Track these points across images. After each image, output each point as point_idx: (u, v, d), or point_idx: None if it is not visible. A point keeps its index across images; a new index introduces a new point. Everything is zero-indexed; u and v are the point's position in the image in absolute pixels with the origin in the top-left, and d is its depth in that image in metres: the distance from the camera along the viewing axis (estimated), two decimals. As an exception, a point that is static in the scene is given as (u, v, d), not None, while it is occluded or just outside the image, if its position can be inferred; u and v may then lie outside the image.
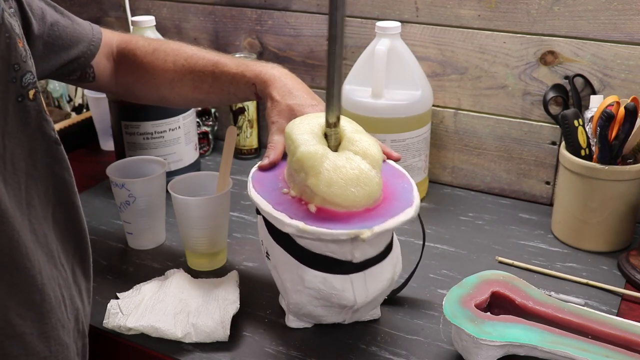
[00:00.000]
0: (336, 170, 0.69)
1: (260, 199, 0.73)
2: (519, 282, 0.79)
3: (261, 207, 0.73)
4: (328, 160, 0.70)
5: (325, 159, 0.70)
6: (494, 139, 1.13)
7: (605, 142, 0.91)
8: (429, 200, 1.14)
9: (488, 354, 0.71)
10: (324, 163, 0.70)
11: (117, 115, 1.13)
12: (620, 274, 0.92)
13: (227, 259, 0.96)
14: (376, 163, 0.72)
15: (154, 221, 0.99)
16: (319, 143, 0.72)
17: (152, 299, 0.83)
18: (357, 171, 0.69)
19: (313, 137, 0.73)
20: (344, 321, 0.79)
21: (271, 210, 0.71)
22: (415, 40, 1.13)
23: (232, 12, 1.28)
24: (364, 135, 0.74)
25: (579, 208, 0.96)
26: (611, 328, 0.73)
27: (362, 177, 0.69)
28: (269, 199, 0.73)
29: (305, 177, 0.71)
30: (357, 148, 0.72)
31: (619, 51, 0.99)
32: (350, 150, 0.72)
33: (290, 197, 0.73)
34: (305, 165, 0.70)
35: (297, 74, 1.26)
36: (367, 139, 0.73)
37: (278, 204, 0.72)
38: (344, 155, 0.71)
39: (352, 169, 0.69)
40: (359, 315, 0.79)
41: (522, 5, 1.03)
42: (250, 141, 1.29)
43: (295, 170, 0.73)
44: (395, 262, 0.76)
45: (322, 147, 0.72)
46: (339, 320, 0.79)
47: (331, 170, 0.69)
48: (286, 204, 0.72)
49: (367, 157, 0.71)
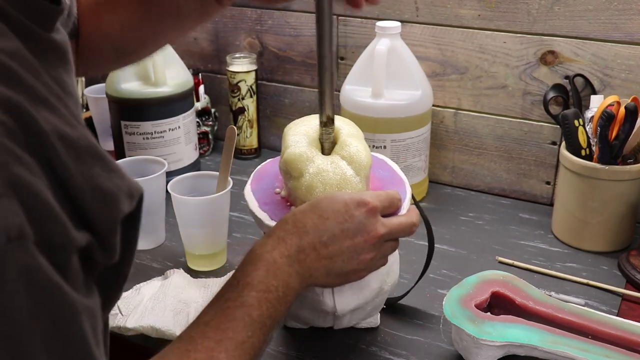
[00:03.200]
0: (318, 174, 0.69)
1: (250, 197, 0.74)
2: (519, 282, 0.79)
3: (248, 204, 0.73)
4: (313, 164, 0.69)
5: (310, 162, 0.70)
6: (494, 139, 1.13)
7: (605, 142, 0.91)
8: (429, 200, 1.14)
9: (488, 354, 0.71)
10: (308, 166, 0.69)
11: (117, 115, 1.13)
12: (620, 274, 0.92)
13: (227, 259, 0.96)
14: (362, 169, 0.70)
15: (154, 221, 0.98)
16: (310, 145, 0.71)
17: (151, 299, 0.83)
18: (339, 177, 0.69)
19: (306, 139, 0.72)
20: (333, 326, 0.78)
21: (256, 208, 0.72)
22: (415, 40, 1.13)
23: (232, 12, 1.28)
24: (356, 140, 0.73)
25: (579, 208, 0.96)
26: (611, 328, 0.73)
27: (343, 183, 0.69)
28: (260, 197, 0.74)
29: (289, 179, 0.71)
30: (346, 153, 0.71)
31: (620, 51, 0.99)
32: (339, 154, 0.71)
33: (280, 198, 0.73)
34: (289, 167, 0.70)
35: (297, 74, 1.27)
36: (358, 143, 0.72)
37: (266, 204, 0.72)
38: (330, 159, 0.71)
39: (335, 174, 0.69)
40: (347, 322, 0.77)
41: (522, 5, 1.03)
42: (250, 141, 1.29)
43: (282, 171, 0.73)
44: (386, 272, 0.74)
45: (312, 149, 0.71)
46: (327, 324, 0.78)
47: (313, 174, 0.69)
48: (274, 204, 0.72)
49: (353, 163, 0.70)
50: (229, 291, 0.60)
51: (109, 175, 0.45)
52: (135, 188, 0.48)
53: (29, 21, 0.46)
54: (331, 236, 0.64)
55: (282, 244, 0.63)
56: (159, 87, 1.11)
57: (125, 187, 0.46)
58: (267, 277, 0.60)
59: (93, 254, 0.43)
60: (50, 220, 0.39)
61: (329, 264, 0.64)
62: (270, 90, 1.31)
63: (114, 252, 0.45)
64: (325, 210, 0.64)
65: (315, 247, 0.63)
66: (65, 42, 0.51)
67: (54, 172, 0.40)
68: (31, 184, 0.38)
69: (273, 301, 0.60)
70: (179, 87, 1.13)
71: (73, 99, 0.49)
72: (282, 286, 0.61)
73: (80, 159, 0.43)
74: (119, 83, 1.12)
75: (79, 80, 1.37)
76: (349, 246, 0.64)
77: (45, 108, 0.42)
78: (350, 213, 0.64)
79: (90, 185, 0.43)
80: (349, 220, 0.64)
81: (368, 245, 0.65)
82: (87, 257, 0.43)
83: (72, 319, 0.40)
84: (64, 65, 0.50)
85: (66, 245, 0.40)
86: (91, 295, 0.44)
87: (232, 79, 1.24)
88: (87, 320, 0.41)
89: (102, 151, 0.45)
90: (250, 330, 0.57)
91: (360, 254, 0.65)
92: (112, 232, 0.44)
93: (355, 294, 0.72)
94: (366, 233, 0.64)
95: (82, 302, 0.41)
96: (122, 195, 0.46)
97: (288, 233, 0.64)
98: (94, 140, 0.45)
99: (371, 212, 0.64)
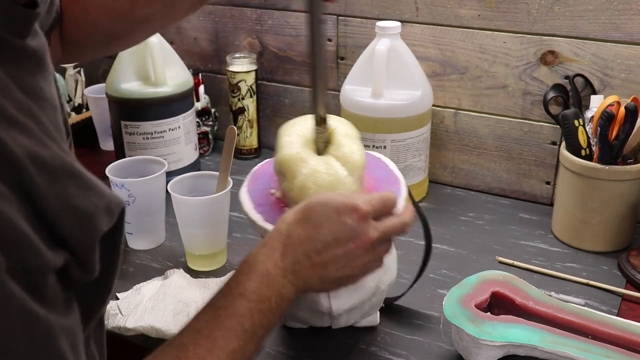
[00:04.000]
0: (311, 175, 0.69)
1: (245, 198, 0.74)
2: (519, 282, 0.79)
3: (243, 206, 0.73)
4: (306, 165, 0.69)
5: (303, 163, 0.69)
6: (494, 139, 1.13)
7: (605, 142, 0.91)
8: (429, 200, 1.14)
9: (488, 354, 0.71)
10: (301, 167, 0.69)
11: (117, 115, 1.13)
12: (620, 274, 0.92)
13: (227, 259, 0.96)
14: (356, 170, 0.70)
15: (154, 221, 0.98)
16: (304, 146, 0.71)
17: (151, 299, 0.83)
18: (333, 177, 0.69)
19: (300, 139, 0.72)
20: (331, 326, 0.78)
21: (250, 209, 0.72)
22: (415, 40, 1.13)
23: (232, 12, 1.28)
24: (350, 140, 0.72)
25: (579, 208, 0.96)
26: (611, 328, 0.73)
27: (336, 184, 0.69)
28: (256, 197, 0.74)
29: (283, 180, 0.71)
30: (340, 153, 0.71)
31: (620, 51, 0.99)
32: (333, 155, 0.71)
33: (275, 199, 0.73)
34: (283, 168, 0.70)
35: (297, 73, 1.27)
36: (352, 144, 0.72)
37: (260, 205, 0.72)
38: (324, 159, 0.70)
39: (328, 174, 0.69)
40: (345, 321, 0.77)
41: (522, 5, 1.03)
42: (250, 141, 1.29)
43: (276, 172, 0.73)
44: (383, 271, 0.74)
45: (306, 150, 0.71)
46: (325, 324, 0.78)
47: (307, 175, 0.69)
48: (268, 205, 0.72)
49: (347, 164, 0.70)
50: (221, 299, 0.60)
51: (85, 193, 0.44)
52: (115, 203, 0.47)
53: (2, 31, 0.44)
54: (324, 244, 0.63)
55: (277, 255, 0.63)
56: (159, 87, 1.11)
57: (104, 204, 0.45)
58: (260, 288, 0.60)
59: (71, 272, 0.43)
60: (23, 245, 0.38)
61: (322, 272, 0.64)
62: (270, 90, 1.31)
63: (93, 269, 0.45)
64: (318, 219, 0.64)
65: (309, 256, 0.63)
66: (42, 46, 0.50)
67: (27, 195, 0.40)
68: (1, 212, 0.37)
69: (266, 311, 0.60)
70: (179, 87, 1.13)
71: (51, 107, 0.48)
72: (275, 297, 0.61)
73: (55, 179, 0.42)
74: (119, 83, 1.12)
75: (79, 80, 1.37)
76: (342, 253, 0.64)
77: (15, 128, 0.41)
78: (343, 220, 0.64)
79: (65, 205, 0.42)
80: (342, 228, 0.64)
81: (361, 250, 0.64)
82: (65, 276, 0.42)
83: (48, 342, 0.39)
84: (41, 72, 0.49)
85: (41, 267, 0.39)
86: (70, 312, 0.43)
87: (232, 79, 1.24)
88: (65, 340, 0.40)
89: (78, 169, 0.44)
90: (241, 339, 0.57)
91: (354, 260, 0.65)
92: (91, 250, 0.44)
93: (351, 293, 0.72)
94: (358, 239, 0.64)
95: (60, 323, 0.40)
96: (100, 214, 0.45)
97: (282, 244, 0.63)
98: (68, 159, 0.44)
99: (363, 218, 0.64)
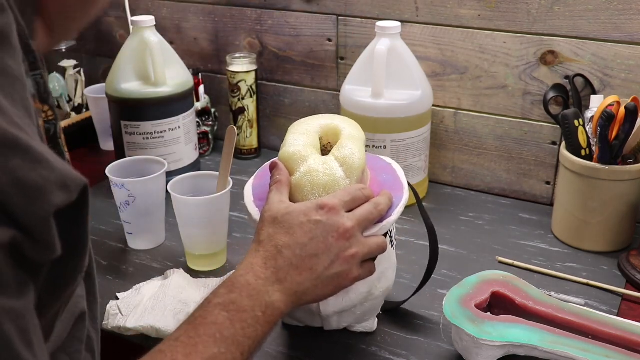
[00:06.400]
0: (308, 174, 0.70)
1: (249, 192, 0.75)
2: (519, 282, 0.79)
3: (245, 199, 0.75)
4: (306, 164, 0.70)
5: (302, 161, 0.70)
6: (494, 139, 1.13)
7: (605, 142, 0.91)
8: (429, 200, 1.14)
9: (488, 354, 0.71)
10: (299, 165, 0.70)
11: (117, 115, 1.13)
12: (620, 274, 0.92)
13: (227, 259, 0.96)
14: (353, 172, 0.71)
15: (154, 221, 0.98)
16: (307, 145, 0.72)
17: (151, 299, 0.83)
18: (329, 177, 0.69)
19: (304, 138, 0.73)
20: (323, 327, 0.79)
21: (249, 202, 0.74)
22: (415, 40, 1.13)
23: (232, 12, 1.28)
24: (353, 142, 0.73)
25: (579, 208, 0.96)
26: (611, 328, 0.73)
27: (332, 184, 0.69)
28: (258, 192, 0.75)
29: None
30: (340, 154, 0.71)
31: (620, 51, 0.99)
32: (334, 155, 0.72)
33: None
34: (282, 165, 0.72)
35: (297, 74, 1.27)
36: (353, 146, 0.72)
37: (261, 200, 0.73)
38: (324, 159, 0.71)
39: (325, 174, 0.69)
40: (337, 324, 0.78)
41: (522, 5, 1.03)
42: (250, 141, 1.29)
43: None
44: (377, 277, 0.74)
45: (308, 149, 0.72)
46: (317, 324, 0.78)
47: (303, 174, 0.70)
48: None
49: (345, 165, 0.70)
50: (200, 311, 0.60)
51: (33, 166, 0.42)
52: (72, 178, 0.45)
53: None
54: (302, 247, 0.64)
55: (256, 268, 0.63)
56: (159, 87, 1.11)
57: (56, 177, 0.44)
58: (240, 299, 0.60)
59: (24, 250, 0.41)
60: None
61: (311, 274, 0.64)
62: (270, 90, 1.31)
63: (52, 247, 0.43)
64: (288, 226, 0.65)
65: (292, 263, 0.64)
66: (7, 24, 0.48)
67: None
68: None
69: (249, 321, 0.59)
70: (179, 87, 1.13)
71: (18, 82, 0.46)
72: (260, 307, 0.61)
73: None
74: (119, 83, 1.12)
75: (79, 80, 1.37)
76: (323, 250, 0.64)
77: None
78: (313, 219, 0.64)
79: (9, 178, 0.40)
80: (314, 227, 0.64)
81: (342, 241, 0.65)
82: (17, 254, 0.41)
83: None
84: (6, 48, 0.47)
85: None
86: (21, 294, 0.42)
87: (232, 79, 1.24)
88: (9, 322, 0.39)
89: (24, 141, 0.43)
90: (222, 347, 0.57)
91: (339, 253, 0.65)
92: (45, 225, 0.42)
93: (339, 296, 0.72)
94: (335, 232, 0.65)
95: (4, 305, 0.39)
96: (52, 187, 0.43)
97: (261, 257, 0.64)
98: (12, 130, 0.42)
99: (332, 211, 0.65)
